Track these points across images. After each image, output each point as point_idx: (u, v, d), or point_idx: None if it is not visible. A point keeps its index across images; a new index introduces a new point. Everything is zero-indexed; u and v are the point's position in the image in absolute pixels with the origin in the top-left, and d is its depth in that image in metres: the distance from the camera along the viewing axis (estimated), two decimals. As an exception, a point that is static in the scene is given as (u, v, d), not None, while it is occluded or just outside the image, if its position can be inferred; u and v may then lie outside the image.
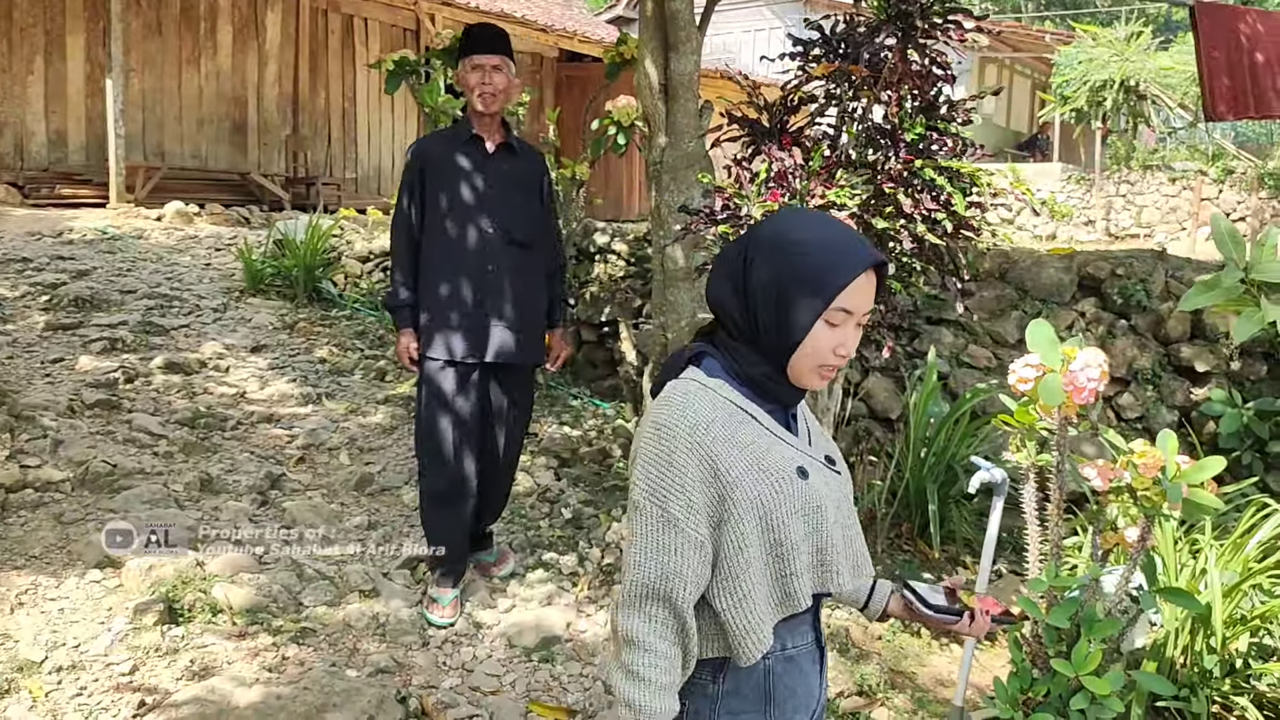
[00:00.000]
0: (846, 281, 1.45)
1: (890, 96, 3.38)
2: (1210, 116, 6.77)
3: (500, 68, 3.48)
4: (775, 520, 1.47)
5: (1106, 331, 5.53)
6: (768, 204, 3.18)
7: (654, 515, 1.46)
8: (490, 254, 3.48)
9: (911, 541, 4.67)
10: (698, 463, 1.45)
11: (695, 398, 1.49)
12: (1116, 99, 15.49)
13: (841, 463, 1.66)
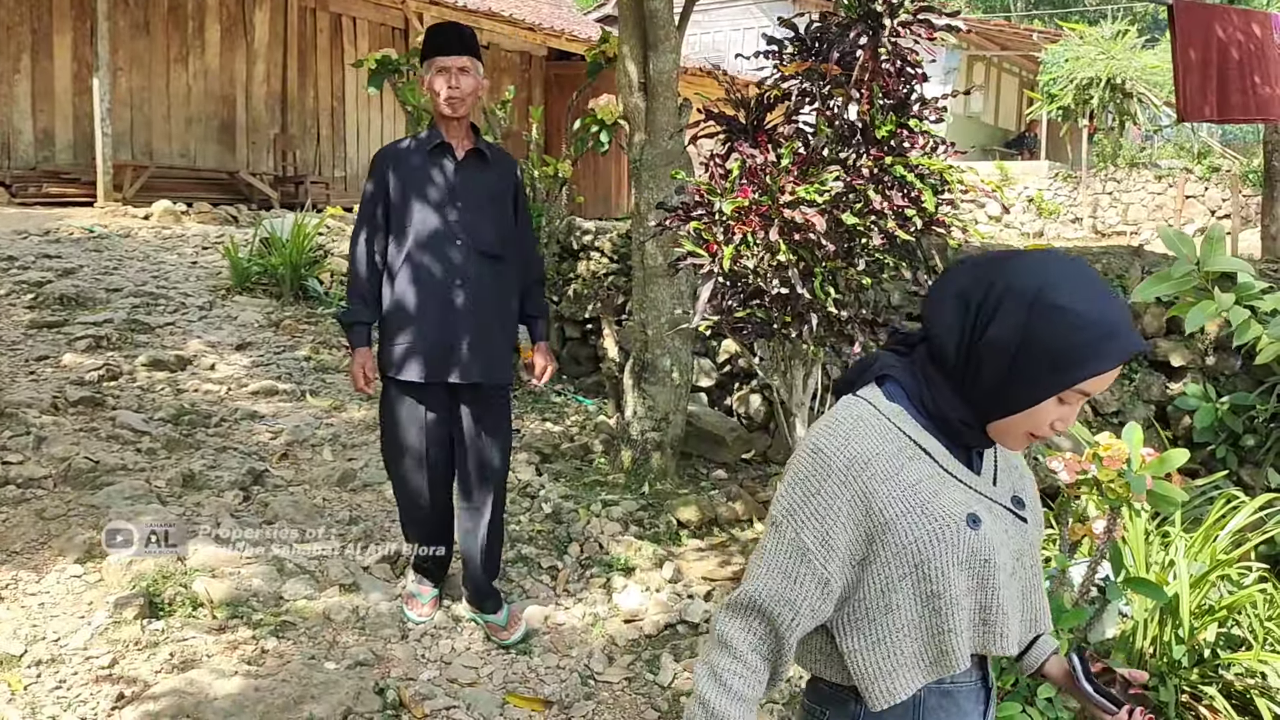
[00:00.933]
0: (1104, 370, 1.31)
1: (862, 94, 3.42)
2: (1183, 117, 6.83)
3: (468, 69, 3.26)
4: (933, 570, 1.37)
5: (1084, 327, 5.58)
6: (738, 200, 3.22)
7: (786, 537, 1.40)
8: (458, 267, 3.28)
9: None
10: (848, 499, 1.36)
11: (863, 426, 1.39)
12: (1103, 97, 15.58)
13: (1034, 504, 1.51)
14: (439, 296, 3.25)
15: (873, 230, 3.29)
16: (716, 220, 3.35)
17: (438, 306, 3.25)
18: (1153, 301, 5.35)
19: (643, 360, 5.08)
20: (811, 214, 3.17)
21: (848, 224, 3.25)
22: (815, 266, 3.38)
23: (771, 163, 3.29)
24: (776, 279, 3.33)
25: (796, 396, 3.85)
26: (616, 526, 4.37)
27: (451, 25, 3.39)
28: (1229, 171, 15.55)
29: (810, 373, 3.87)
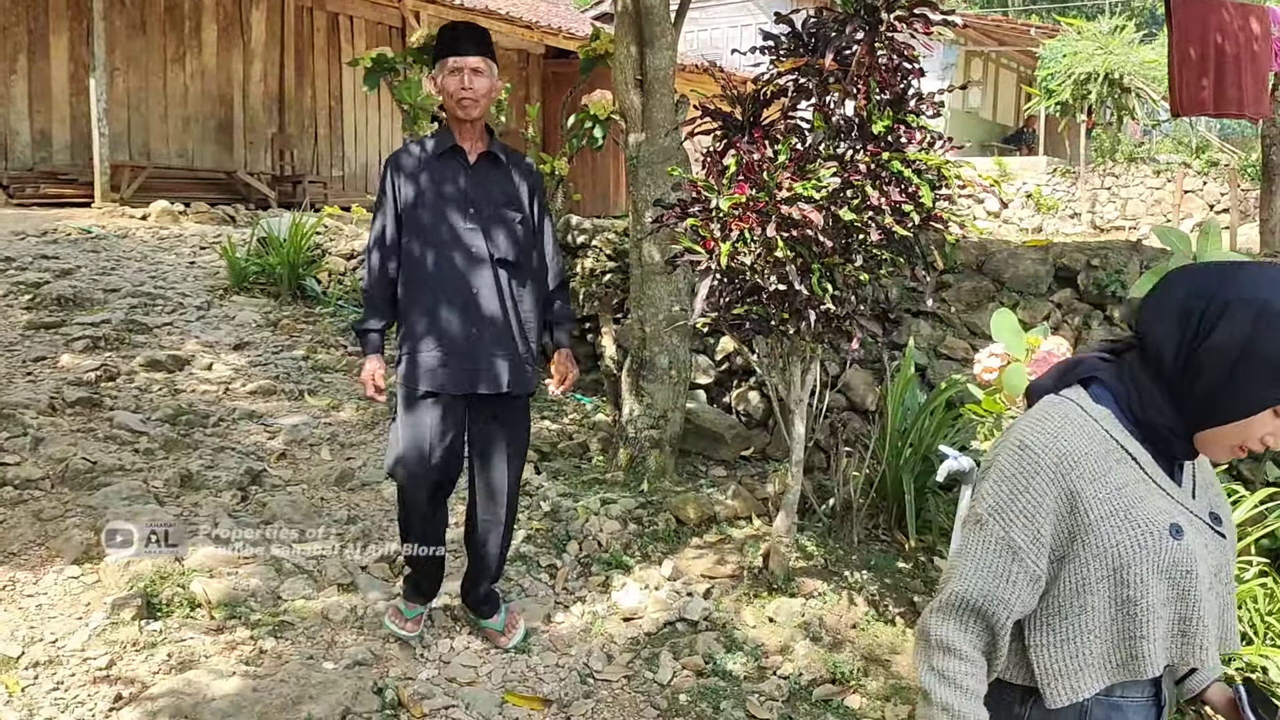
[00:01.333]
0: None
1: (859, 90, 3.41)
2: (1178, 112, 6.82)
3: (481, 70, 3.14)
4: (1132, 575, 1.37)
5: (1082, 322, 5.57)
6: (735, 196, 3.21)
7: (995, 535, 1.41)
8: (474, 276, 3.17)
9: (889, 531, 4.71)
10: (1055, 495, 1.38)
11: (1071, 425, 1.40)
12: (1101, 92, 15.55)
13: (1229, 523, 1.51)
14: (455, 306, 3.17)
15: (870, 226, 3.28)
16: (714, 217, 3.33)
17: (454, 316, 3.17)
18: (1151, 296, 5.35)
19: (641, 358, 5.07)
20: (809, 210, 3.16)
21: (845, 220, 3.23)
22: (813, 263, 3.37)
23: (768, 159, 3.28)
24: (774, 275, 3.32)
25: (795, 393, 3.84)
26: (615, 525, 4.36)
27: (465, 25, 3.27)
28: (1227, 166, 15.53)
29: (808, 369, 3.86)
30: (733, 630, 3.70)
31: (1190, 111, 6.96)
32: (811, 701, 3.37)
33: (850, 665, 3.54)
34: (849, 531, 4.52)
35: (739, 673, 3.47)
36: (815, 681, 3.46)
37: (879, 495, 4.75)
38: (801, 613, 3.80)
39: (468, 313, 3.17)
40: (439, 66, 3.16)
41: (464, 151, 3.21)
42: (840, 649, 3.64)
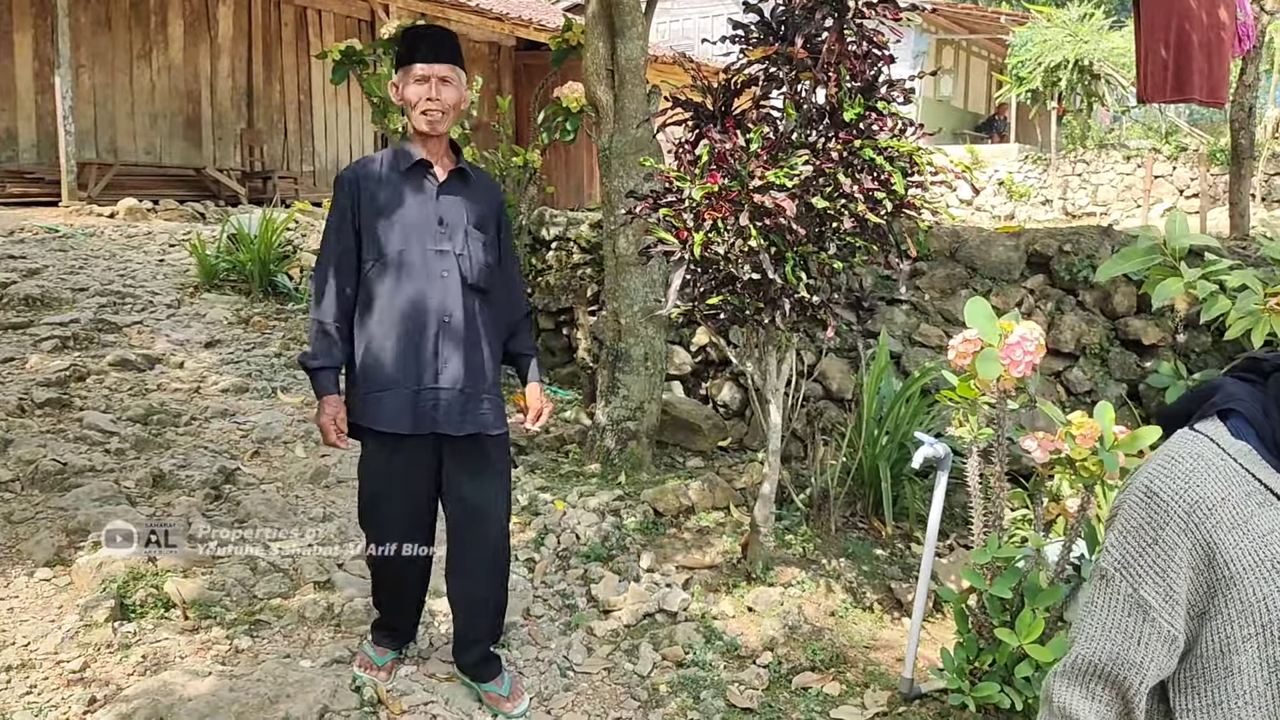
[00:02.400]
0: None
1: (829, 77, 3.41)
2: (1143, 98, 6.86)
3: (450, 79, 2.84)
4: None
5: (1055, 307, 5.61)
6: (708, 185, 3.20)
7: (1123, 593, 1.28)
8: (445, 302, 2.85)
9: (866, 519, 4.73)
10: (1190, 547, 1.24)
11: (1206, 467, 1.25)
12: (1071, 79, 15.64)
13: None
14: (424, 336, 2.84)
15: (843, 214, 3.28)
16: (687, 207, 3.33)
17: (423, 347, 2.84)
18: (1124, 280, 5.39)
19: (616, 350, 5.06)
20: (781, 198, 3.16)
21: (818, 208, 3.23)
22: (786, 251, 3.37)
23: (740, 148, 3.27)
24: (748, 264, 3.32)
25: (771, 382, 3.84)
26: (593, 517, 4.35)
27: (431, 29, 2.98)
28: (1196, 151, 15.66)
29: (784, 358, 3.86)
30: (712, 620, 3.70)
31: (1157, 98, 7.00)
32: (791, 690, 3.37)
33: (829, 653, 3.55)
34: (826, 520, 4.53)
35: (719, 662, 3.47)
36: (795, 669, 3.47)
37: (856, 483, 4.76)
38: (780, 601, 3.81)
39: (438, 344, 2.85)
40: (402, 74, 2.86)
41: (431, 167, 2.90)
42: (819, 637, 3.65)
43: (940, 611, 3.93)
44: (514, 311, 3.12)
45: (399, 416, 2.84)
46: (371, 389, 2.86)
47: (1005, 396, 3.13)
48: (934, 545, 3.38)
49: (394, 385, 2.84)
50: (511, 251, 3.13)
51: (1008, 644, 3.03)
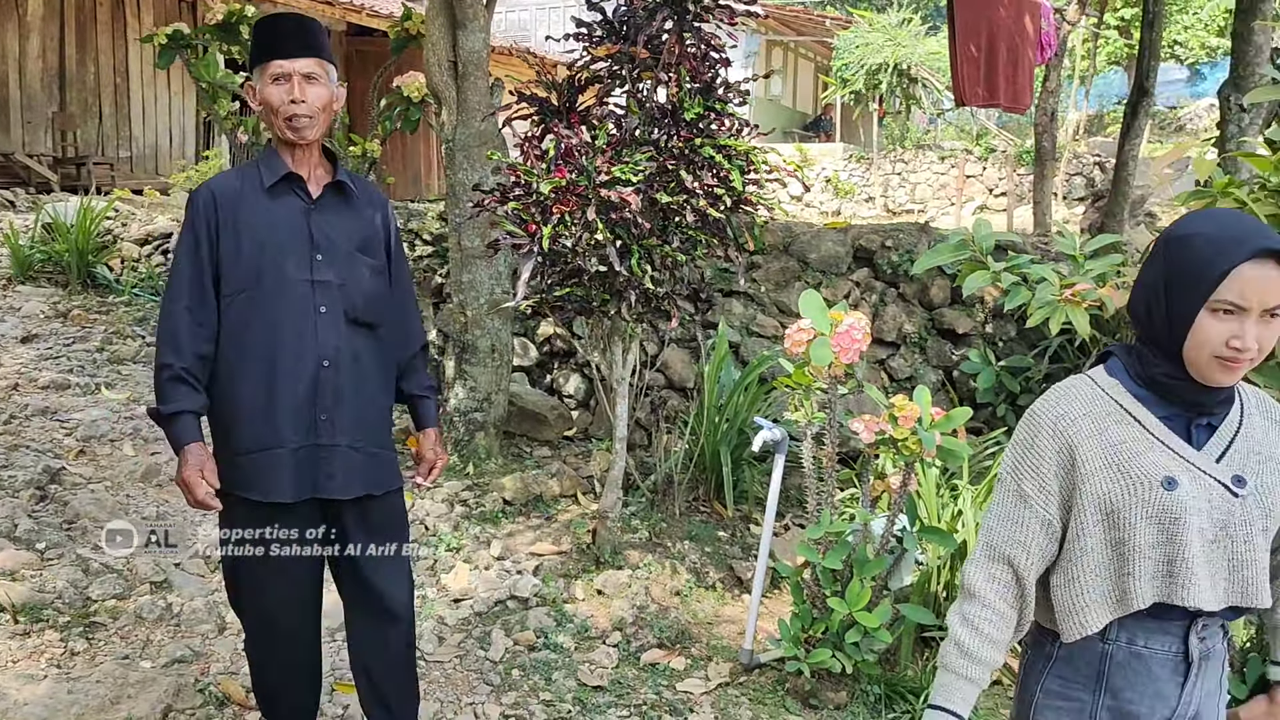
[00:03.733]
0: (1223, 271, 1.45)
1: (670, 77, 3.54)
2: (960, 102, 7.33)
3: (317, 76, 2.38)
4: (1122, 520, 1.55)
5: (879, 299, 5.95)
6: (556, 180, 3.28)
7: (1011, 489, 1.63)
8: (324, 342, 2.38)
9: (708, 503, 4.92)
10: (1057, 450, 1.59)
11: (1074, 391, 1.62)
12: (890, 82, 16.45)
13: (1264, 488, 1.56)
14: (300, 383, 2.36)
15: (686, 209, 3.42)
16: (535, 201, 3.39)
17: (299, 396, 2.36)
18: (939, 274, 5.77)
19: (463, 342, 5.07)
20: (627, 193, 3.27)
21: (662, 203, 3.36)
22: (632, 245, 3.48)
23: (586, 144, 3.36)
24: (595, 257, 3.41)
25: (617, 372, 3.96)
26: (442, 508, 4.37)
27: (290, 17, 2.47)
28: (1004, 152, 16.73)
29: (629, 348, 3.98)
30: (563, 604, 3.79)
31: (972, 102, 7.49)
32: (640, 666, 3.50)
33: (675, 630, 3.70)
34: (671, 505, 4.69)
35: (570, 644, 3.56)
36: (643, 647, 3.60)
37: (698, 469, 4.94)
38: (628, 584, 3.93)
39: (316, 390, 2.37)
40: (257, 73, 2.40)
41: (303, 181, 2.42)
42: (665, 616, 3.79)
43: (778, 587, 4.14)
44: (409, 345, 2.64)
45: (274, 482, 2.34)
46: (238, 450, 2.36)
47: (836, 382, 3.34)
48: (772, 524, 3.58)
49: (266, 445, 2.34)
50: (407, 275, 2.68)
51: (838, 612, 3.24)
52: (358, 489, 2.44)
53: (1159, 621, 1.57)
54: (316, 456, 2.38)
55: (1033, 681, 1.68)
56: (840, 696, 3.35)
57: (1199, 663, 1.60)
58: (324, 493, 2.40)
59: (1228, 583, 1.56)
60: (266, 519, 2.39)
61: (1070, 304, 2.52)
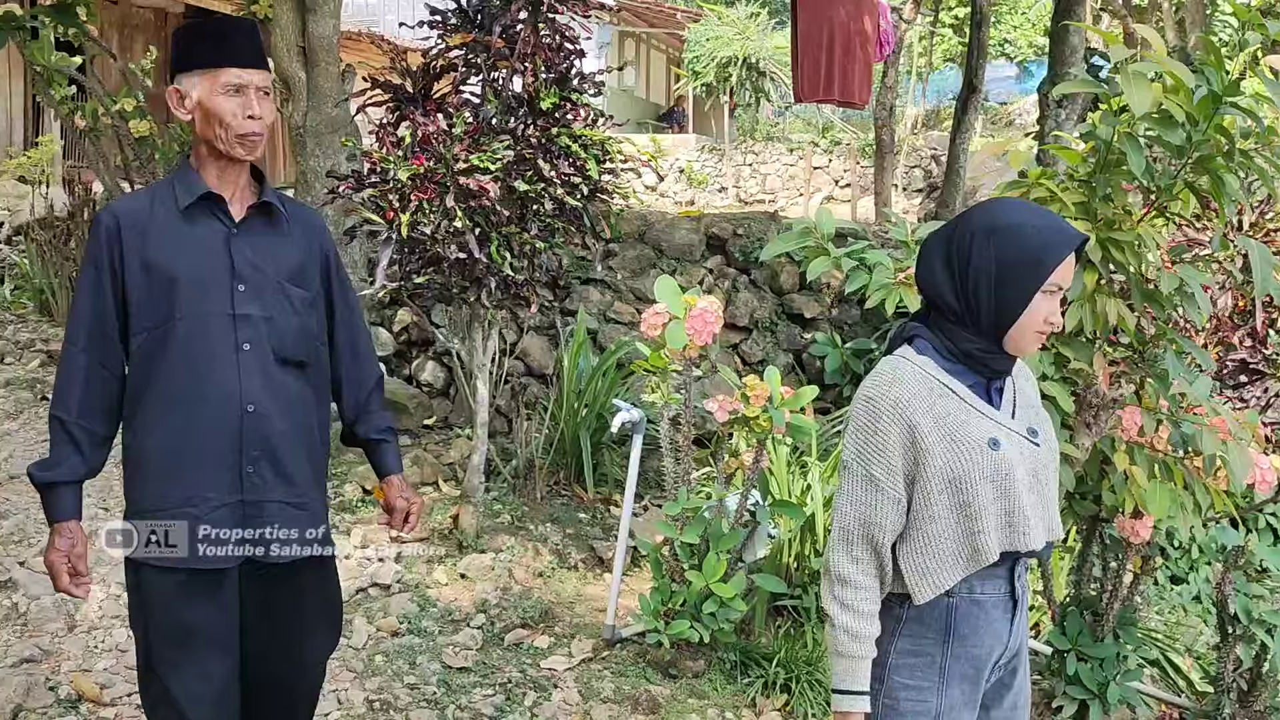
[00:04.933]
0: (1062, 258, 1.67)
1: (526, 67, 3.60)
2: (799, 97, 7.62)
3: (268, 91, 2.13)
4: (964, 484, 1.69)
5: (731, 285, 6.15)
6: (413, 167, 3.30)
7: (859, 475, 1.73)
8: (250, 384, 2.09)
9: (569, 486, 5.01)
10: (899, 431, 1.69)
11: (902, 374, 1.72)
12: (740, 75, 16.86)
13: (1047, 435, 1.82)
14: (219, 432, 2.07)
15: (544, 197, 3.49)
16: (393, 188, 3.40)
17: (218, 447, 2.07)
18: (788, 261, 6.01)
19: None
20: (485, 181, 3.32)
21: (520, 191, 3.42)
22: (491, 232, 3.53)
23: (444, 131, 3.39)
24: (454, 244, 3.45)
25: (477, 359, 4.00)
26: (299, 499, 4.32)
27: (243, 22, 2.20)
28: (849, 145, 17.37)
29: (490, 335, 4.03)
30: (426, 590, 3.82)
31: (810, 98, 7.77)
32: (504, 646, 3.57)
33: (538, 610, 3.77)
34: (533, 489, 4.75)
35: (434, 628, 3.60)
36: (507, 628, 3.66)
37: (559, 453, 5.02)
38: (492, 567, 3.99)
39: (239, 441, 2.08)
40: (199, 78, 2.06)
41: (224, 203, 2.12)
42: (528, 596, 3.86)
43: (639, 565, 4.27)
44: (361, 383, 2.31)
45: (191, 545, 2.06)
46: (150, 509, 2.08)
47: (690, 364, 3.48)
48: (631, 503, 3.70)
49: (181, 503, 2.06)
50: (355, 306, 2.36)
51: (696, 584, 3.38)
52: (286, 550, 2.13)
53: (991, 568, 1.74)
54: (239, 516, 2.07)
55: (885, 643, 1.78)
56: (698, 665, 3.50)
57: (1022, 599, 1.81)
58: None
59: (1045, 522, 1.77)
60: (183, 587, 2.06)
61: (903, 286, 2.72)
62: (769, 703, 3.40)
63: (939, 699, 1.77)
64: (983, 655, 1.78)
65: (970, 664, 1.77)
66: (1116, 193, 2.53)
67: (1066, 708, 3.44)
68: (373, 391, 2.33)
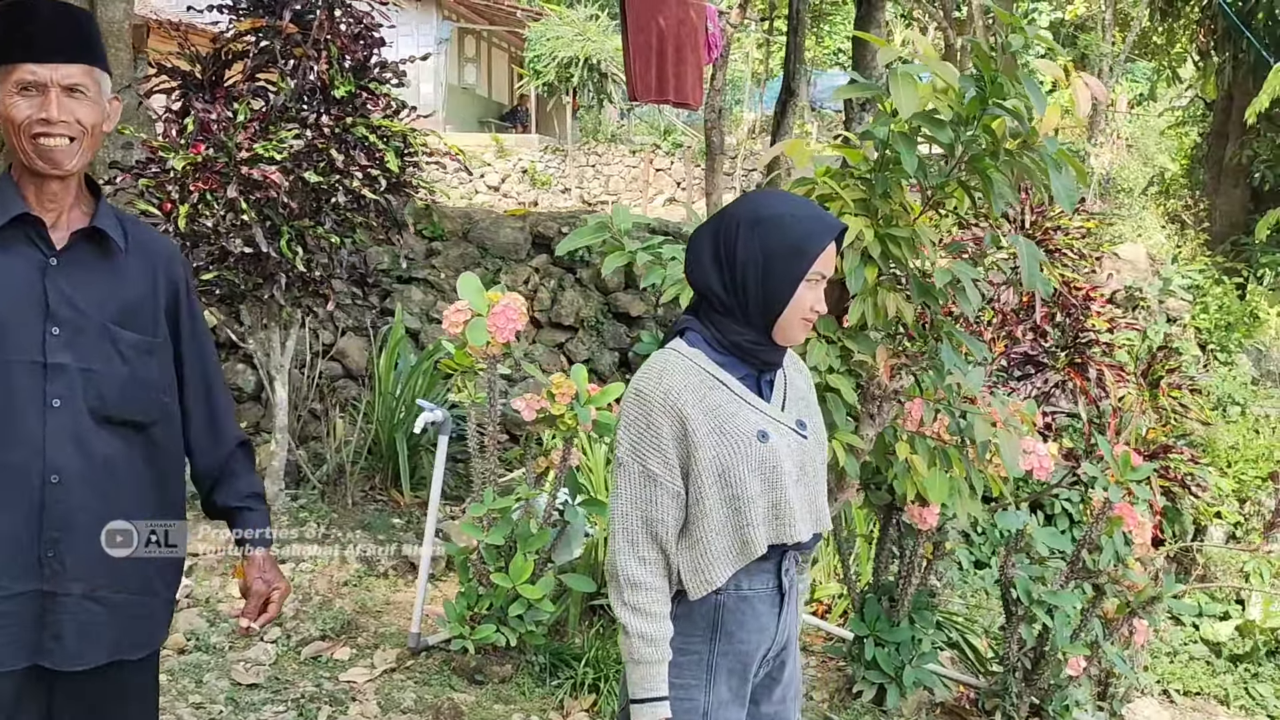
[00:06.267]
0: (824, 246, 1.67)
1: (320, 54, 3.46)
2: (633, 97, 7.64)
3: (84, 89, 1.72)
4: (734, 477, 1.65)
5: (558, 284, 6.11)
6: (190, 156, 3.12)
7: (636, 471, 1.66)
8: (54, 448, 1.72)
9: (385, 491, 4.86)
10: (671, 424, 1.65)
11: (672, 366, 1.68)
12: (582, 76, 16.84)
13: (816, 428, 1.80)
14: (16, 505, 1.70)
15: (338, 189, 3.35)
16: (172, 178, 3.21)
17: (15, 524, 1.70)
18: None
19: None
20: (272, 171, 3.16)
21: (311, 182, 3.28)
22: (282, 226, 3.37)
23: (227, 119, 3.22)
24: (240, 238, 3.28)
25: (275, 359, 3.82)
26: (84, 512, 4.04)
27: (50, 5, 1.77)
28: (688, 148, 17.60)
29: (289, 335, 3.85)
30: (218, 604, 3.63)
31: (644, 98, 7.79)
32: (301, 660, 3.41)
33: (341, 621, 3.63)
34: (344, 495, 4.59)
35: (224, 644, 3.41)
36: (305, 641, 3.50)
37: (374, 457, 4.86)
38: (292, 578, 3.81)
39: (40, 518, 1.71)
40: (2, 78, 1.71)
41: (43, 227, 1.75)
42: (330, 606, 3.71)
43: (453, 570, 4.16)
44: (219, 444, 1.95)
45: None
46: None
47: (494, 361, 3.40)
48: (438, 505, 3.59)
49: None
50: (210, 354, 1.98)
51: (502, 587, 3.31)
52: (96, 655, 1.75)
53: (759, 563, 1.71)
54: (38, 609, 1.70)
55: None
56: (505, 669, 3.43)
57: (789, 592, 1.79)
58: (44, 660, 1.72)
59: (812, 515, 1.76)
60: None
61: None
62: (577, 704, 3.36)
63: (706, 696, 1.74)
64: (750, 650, 1.76)
65: (737, 660, 1.75)
66: (894, 190, 2.59)
67: (866, 692, 3.52)
68: (233, 454, 1.96)
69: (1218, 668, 5.25)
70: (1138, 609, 3.33)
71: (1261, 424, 7.03)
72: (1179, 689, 4.99)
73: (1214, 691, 5.04)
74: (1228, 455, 6.38)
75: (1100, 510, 3.23)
